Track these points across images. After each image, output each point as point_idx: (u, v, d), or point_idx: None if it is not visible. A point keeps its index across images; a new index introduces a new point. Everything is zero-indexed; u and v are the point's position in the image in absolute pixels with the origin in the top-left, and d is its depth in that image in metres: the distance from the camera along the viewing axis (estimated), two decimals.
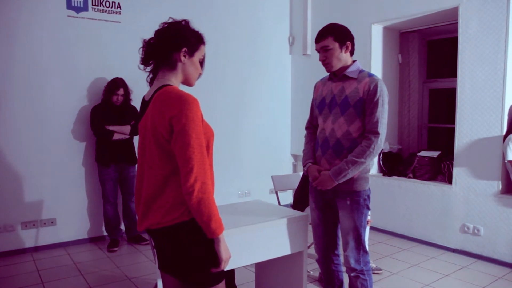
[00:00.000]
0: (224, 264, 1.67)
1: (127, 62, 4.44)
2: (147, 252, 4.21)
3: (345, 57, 2.45)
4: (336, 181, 2.37)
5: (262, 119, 5.75)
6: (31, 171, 4.22)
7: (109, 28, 4.54)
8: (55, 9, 4.25)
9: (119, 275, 3.67)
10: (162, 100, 1.63)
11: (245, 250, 2.34)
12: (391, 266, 3.82)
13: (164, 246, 1.72)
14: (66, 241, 4.44)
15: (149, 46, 1.75)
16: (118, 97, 4.24)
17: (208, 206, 1.56)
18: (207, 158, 1.62)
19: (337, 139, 2.43)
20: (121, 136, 4.26)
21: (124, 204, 4.50)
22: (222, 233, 1.62)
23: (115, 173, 4.35)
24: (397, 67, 5.22)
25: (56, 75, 4.29)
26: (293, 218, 2.56)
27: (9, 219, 4.15)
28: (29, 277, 3.65)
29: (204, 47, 1.80)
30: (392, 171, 4.83)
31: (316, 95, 2.67)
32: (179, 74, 1.75)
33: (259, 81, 5.68)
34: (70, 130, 4.39)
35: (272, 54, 5.81)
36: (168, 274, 1.78)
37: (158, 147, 1.63)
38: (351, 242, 2.47)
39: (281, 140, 6.00)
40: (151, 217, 1.68)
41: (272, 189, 4.28)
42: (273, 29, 5.80)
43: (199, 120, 1.60)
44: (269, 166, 5.68)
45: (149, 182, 1.68)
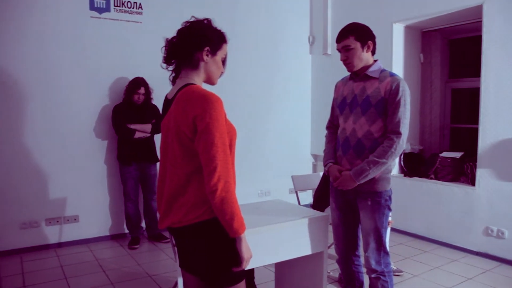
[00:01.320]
0: (245, 264, 1.67)
1: (148, 62, 4.49)
2: (167, 250, 4.25)
3: (366, 56, 2.44)
4: (357, 182, 2.36)
5: (282, 119, 5.74)
6: (55, 169, 4.31)
7: (130, 28, 4.60)
8: (79, 10, 4.33)
9: (140, 272, 3.72)
10: (185, 99, 1.64)
11: (265, 250, 2.34)
12: (412, 268, 3.78)
13: (186, 244, 1.74)
14: (88, 238, 4.52)
15: (172, 45, 1.76)
16: (139, 96, 4.30)
17: (231, 205, 1.56)
18: (230, 157, 1.62)
19: (358, 139, 2.41)
20: (142, 134, 4.31)
21: (145, 202, 4.55)
22: (244, 232, 1.63)
23: (136, 172, 4.41)
24: (418, 67, 5.16)
25: (79, 75, 4.37)
26: (314, 218, 2.55)
27: (34, 215, 4.25)
28: (53, 273, 3.73)
29: (226, 46, 1.81)
30: (414, 171, 4.77)
31: (337, 94, 2.66)
32: (202, 73, 1.76)
33: (279, 81, 5.68)
34: (92, 128, 4.47)
35: (292, 54, 5.80)
36: (189, 273, 1.80)
37: (181, 145, 1.64)
38: (372, 243, 2.45)
39: (301, 140, 5.99)
40: (173, 216, 1.69)
41: (292, 189, 4.27)
42: (293, 29, 5.79)
43: (223, 119, 1.60)
44: (289, 166, 5.67)
45: (172, 180, 1.69)
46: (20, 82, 4.10)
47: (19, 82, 4.10)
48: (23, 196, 4.16)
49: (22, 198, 4.16)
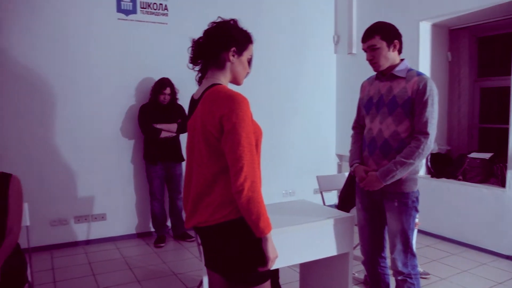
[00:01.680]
0: (271, 264, 1.67)
1: (174, 62, 4.56)
2: (192, 249, 4.29)
3: (393, 56, 2.41)
4: (384, 182, 2.33)
5: (307, 119, 5.72)
6: (84, 168, 4.40)
7: (156, 30, 4.66)
8: (106, 12, 4.42)
9: (166, 271, 3.76)
10: (212, 99, 1.65)
11: (290, 250, 2.34)
12: (439, 271, 3.71)
13: (211, 244, 1.75)
14: (115, 236, 4.61)
15: (198, 46, 1.78)
16: (165, 96, 4.35)
17: (257, 205, 1.57)
18: (256, 157, 1.63)
19: (384, 139, 2.39)
20: (168, 134, 4.36)
21: (171, 202, 4.61)
22: (270, 232, 1.63)
23: (162, 171, 4.46)
24: (446, 66, 5.06)
25: (107, 76, 4.45)
26: (339, 219, 2.54)
27: (64, 213, 4.36)
28: (82, 269, 3.82)
29: (252, 46, 1.81)
30: (441, 172, 4.68)
31: (363, 94, 2.64)
32: (228, 73, 1.77)
33: (303, 81, 5.66)
34: (119, 128, 4.55)
35: (316, 53, 5.77)
36: (214, 272, 1.81)
37: (207, 145, 1.65)
38: (398, 245, 2.42)
39: (325, 140, 5.95)
40: (199, 215, 1.70)
41: (317, 189, 4.26)
42: (317, 28, 5.76)
43: (249, 119, 1.61)
44: (313, 166, 5.65)
45: (198, 180, 1.71)
46: (50, 83, 4.21)
47: (49, 83, 4.21)
48: (53, 194, 4.27)
49: (52, 196, 4.27)
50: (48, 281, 3.54)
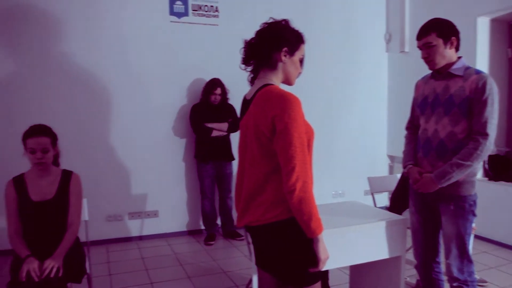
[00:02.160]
0: (322, 265, 1.66)
1: (224, 63, 4.62)
2: (242, 248, 4.33)
3: (449, 53, 2.32)
4: (439, 185, 2.25)
5: (357, 119, 5.63)
6: (138, 167, 4.56)
7: (207, 31, 4.75)
8: (159, 15, 4.56)
9: (215, 268, 3.82)
10: (264, 99, 1.66)
11: (341, 252, 2.32)
12: (497, 279, 3.54)
13: (262, 243, 1.76)
14: (167, 232, 4.74)
15: (250, 46, 1.79)
16: (216, 96, 4.42)
17: (309, 205, 1.57)
18: (308, 157, 1.62)
19: (440, 140, 2.31)
20: (219, 133, 4.43)
21: (221, 200, 4.67)
22: (322, 233, 1.62)
23: (213, 170, 4.53)
24: (506, 63, 4.82)
25: (159, 77, 4.59)
26: (392, 221, 2.48)
27: (119, 209, 4.54)
28: (135, 264, 3.95)
29: (304, 46, 1.81)
30: (499, 175, 4.47)
31: (417, 94, 2.56)
32: (280, 74, 1.77)
33: (354, 80, 5.57)
34: (171, 127, 4.67)
35: (367, 52, 5.66)
36: (265, 271, 1.82)
37: (259, 145, 1.66)
38: (454, 250, 2.33)
39: (376, 140, 5.83)
40: (251, 214, 1.72)
41: (367, 190, 4.18)
42: (368, 26, 5.65)
43: (301, 119, 1.61)
44: (364, 167, 5.56)
45: (250, 179, 1.72)
46: (107, 85, 4.40)
47: (106, 85, 4.40)
48: (109, 192, 4.46)
49: (109, 193, 4.46)
50: (104, 274, 3.69)
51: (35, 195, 2.49)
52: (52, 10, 4.18)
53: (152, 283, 3.50)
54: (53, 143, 2.52)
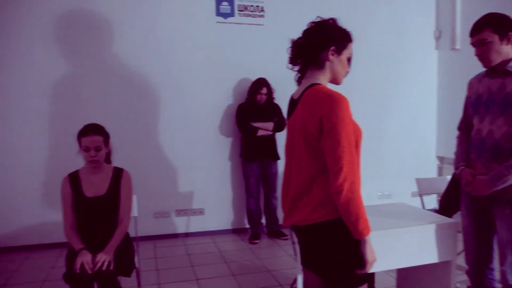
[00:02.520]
0: (369, 267, 1.64)
1: (270, 63, 4.63)
2: (286, 247, 4.33)
3: (506, 50, 2.21)
4: (494, 187, 2.16)
5: (405, 118, 5.48)
6: (185, 165, 4.66)
7: (253, 31, 4.77)
8: (206, 16, 4.64)
9: (260, 267, 3.84)
10: (312, 99, 1.65)
11: (388, 254, 2.26)
12: None
13: (309, 243, 1.75)
14: (212, 230, 4.81)
15: (297, 46, 1.78)
16: (261, 96, 4.44)
17: (356, 206, 1.55)
18: (356, 157, 1.60)
19: (495, 141, 2.21)
20: (264, 132, 4.45)
21: (266, 199, 4.69)
22: (369, 234, 1.60)
23: (258, 169, 4.56)
24: None
25: (206, 77, 4.66)
26: (442, 224, 2.40)
27: (166, 206, 4.65)
28: (181, 260, 4.04)
29: (351, 45, 1.78)
30: None
31: (470, 93, 2.46)
32: (327, 73, 1.76)
33: (402, 78, 5.43)
34: (217, 126, 4.74)
35: (416, 50, 5.49)
36: (310, 271, 1.82)
37: (306, 145, 1.66)
38: (509, 256, 2.23)
39: (425, 140, 5.64)
40: (297, 214, 1.72)
41: (415, 192, 4.08)
42: (417, 23, 5.46)
43: (349, 119, 1.59)
44: (411, 168, 5.40)
45: (297, 179, 1.72)
46: (154, 85, 4.52)
47: (153, 86, 4.52)
48: (157, 189, 4.58)
49: (156, 191, 4.57)
50: (151, 269, 3.80)
51: (88, 191, 2.60)
52: (106, 14, 4.34)
53: (197, 279, 3.56)
54: (105, 142, 2.62)
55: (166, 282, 3.51)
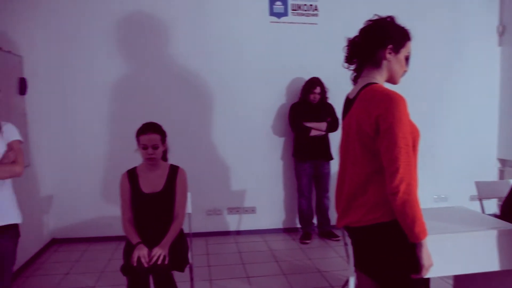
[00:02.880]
0: (425, 272, 1.60)
1: (323, 62, 4.61)
2: (338, 248, 4.28)
3: None
4: None
5: (465, 118, 5.23)
6: (237, 164, 4.72)
7: (306, 30, 4.75)
8: (259, 16, 4.68)
9: (310, 267, 3.82)
10: (368, 98, 1.63)
11: (445, 260, 2.18)
12: None
13: (363, 245, 1.73)
14: (263, 229, 4.84)
15: (354, 45, 1.76)
16: (315, 95, 4.41)
17: (412, 208, 1.51)
18: (413, 158, 1.56)
19: None
20: (317, 132, 4.41)
21: (318, 199, 4.66)
22: (426, 238, 1.56)
23: (311, 169, 4.53)
24: None
25: (259, 76, 4.69)
26: (505, 230, 2.28)
27: (218, 204, 4.74)
28: (232, 257, 4.09)
29: (410, 43, 1.74)
30: None
31: None
32: (384, 72, 1.72)
33: (462, 76, 5.18)
34: (270, 126, 4.76)
35: (477, 46, 5.20)
36: (364, 274, 1.79)
37: (362, 145, 1.64)
38: None
39: (485, 142, 5.36)
40: (352, 215, 1.70)
41: (473, 195, 3.91)
42: (479, 18, 5.19)
43: (407, 119, 1.55)
44: (470, 170, 5.15)
45: (352, 179, 1.70)
46: (207, 83, 4.61)
47: (207, 83, 4.61)
48: (210, 187, 4.67)
49: (209, 188, 4.66)
50: (203, 265, 3.88)
51: (145, 187, 2.69)
52: (162, 17, 4.48)
53: (248, 277, 3.60)
54: (162, 140, 2.71)
55: (218, 279, 3.57)
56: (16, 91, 3.81)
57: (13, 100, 3.75)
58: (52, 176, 4.46)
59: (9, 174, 2.15)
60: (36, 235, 4.18)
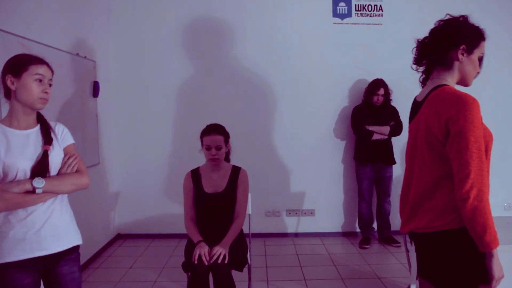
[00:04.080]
0: (495, 283, 1.52)
1: (387, 63, 4.51)
2: (398, 255, 4.17)
3: None
4: None
5: None
6: (297, 166, 4.72)
7: (370, 31, 4.66)
8: (322, 17, 4.65)
9: (369, 272, 3.75)
10: (438, 100, 1.58)
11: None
12: None
13: (429, 252, 1.67)
14: (322, 232, 4.80)
15: (423, 46, 1.72)
16: (378, 98, 4.32)
17: (483, 216, 1.44)
18: (486, 164, 1.49)
19: None
20: (380, 136, 4.33)
21: (379, 204, 4.56)
22: (497, 248, 1.48)
23: (372, 172, 4.45)
24: None
25: (322, 78, 4.67)
26: None
27: (277, 205, 4.76)
28: (290, 259, 4.09)
29: (484, 43, 1.67)
30: None
31: None
32: (456, 74, 1.67)
33: None
34: (332, 129, 4.71)
35: None
36: (428, 282, 1.73)
37: (430, 149, 1.59)
38: None
39: None
40: (418, 220, 1.65)
41: None
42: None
43: (479, 122, 1.49)
44: None
45: (418, 184, 1.65)
46: (271, 85, 4.64)
47: (270, 85, 4.64)
48: (269, 188, 4.70)
49: (269, 190, 4.70)
50: (261, 265, 3.91)
51: (208, 187, 2.76)
52: (228, 20, 4.57)
53: (305, 280, 3.58)
54: (225, 141, 2.77)
55: (275, 280, 3.58)
56: (90, 93, 4.05)
57: (87, 102, 3.99)
58: (119, 174, 4.68)
59: (76, 187, 1.84)
60: (103, 229, 4.42)
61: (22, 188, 1.67)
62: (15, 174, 1.69)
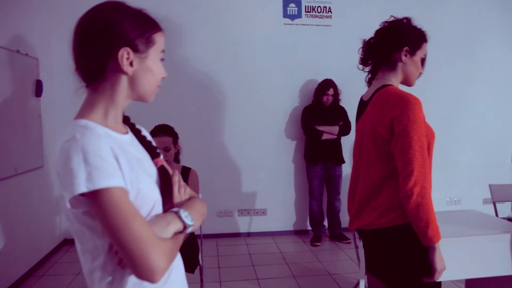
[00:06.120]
0: (437, 275, 1.58)
1: (337, 64, 4.59)
2: (348, 251, 4.26)
3: None
4: None
5: (479, 119, 5.14)
6: (249, 166, 4.73)
7: (320, 32, 4.74)
8: (273, 18, 4.68)
9: (320, 269, 3.81)
10: (383, 100, 1.62)
11: (457, 263, 2.16)
12: None
13: (375, 248, 1.72)
14: (274, 231, 4.83)
15: (369, 46, 1.76)
16: (328, 97, 4.40)
17: (426, 212, 1.50)
18: (428, 161, 1.55)
19: None
20: (329, 136, 4.41)
21: (329, 202, 4.64)
22: (439, 242, 1.54)
23: (322, 171, 4.52)
24: None
25: (272, 78, 4.69)
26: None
27: (229, 206, 4.74)
28: (243, 259, 4.09)
29: (426, 45, 1.73)
30: None
31: None
32: (399, 74, 1.71)
33: (477, 78, 5.08)
34: (283, 129, 4.76)
35: (490, 48, 5.12)
36: (375, 277, 1.78)
37: (376, 147, 1.63)
38: None
39: (499, 145, 5.27)
40: (365, 218, 1.69)
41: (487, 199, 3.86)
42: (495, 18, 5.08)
43: (422, 121, 1.54)
44: (484, 173, 5.06)
45: (365, 182, 1.69)
46: (221, 85, 4.61)
47: (220, 85, 4.61)
48: (220, 188, 4.67)
49: (220, 190, 4.66)
50: (213, 266, 3.88)
51: None
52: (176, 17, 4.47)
53: (258, 279, 3.59)
54: (174, 142, 2.73)
55: (228, 280, 3.57)
56: (32, 93, 3.85)
57: (29, 102, 3.80)
58: None
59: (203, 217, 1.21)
60: (48, 235, 4.22)
61: (174, 228, 1.01)
62: (152, 205, 1.04)
